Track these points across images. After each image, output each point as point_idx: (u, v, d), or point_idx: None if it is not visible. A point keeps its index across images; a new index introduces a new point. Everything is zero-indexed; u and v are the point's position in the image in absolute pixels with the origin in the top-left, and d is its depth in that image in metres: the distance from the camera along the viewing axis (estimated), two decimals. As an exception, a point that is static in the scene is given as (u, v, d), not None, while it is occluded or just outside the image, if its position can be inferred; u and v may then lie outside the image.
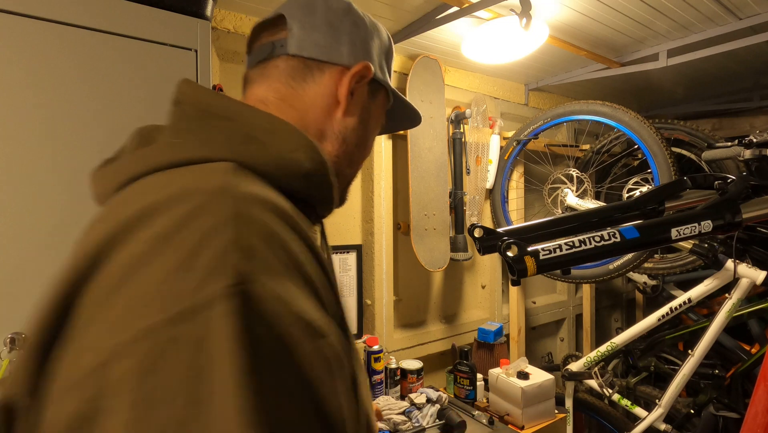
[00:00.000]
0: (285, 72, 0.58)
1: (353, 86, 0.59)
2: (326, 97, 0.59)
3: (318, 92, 0.58)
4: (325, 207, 0.55)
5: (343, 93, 0.58)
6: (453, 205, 2.15)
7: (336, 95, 0.59)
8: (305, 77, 0.58)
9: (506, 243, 0.65)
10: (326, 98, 0.59)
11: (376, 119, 0.66)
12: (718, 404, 1.97)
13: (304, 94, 0.58)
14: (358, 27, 0.62)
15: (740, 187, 0.70)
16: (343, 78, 0.59)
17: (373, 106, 0.65)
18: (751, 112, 2.84)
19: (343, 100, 0.59)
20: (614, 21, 1.78)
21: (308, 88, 0.58)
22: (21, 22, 1.07)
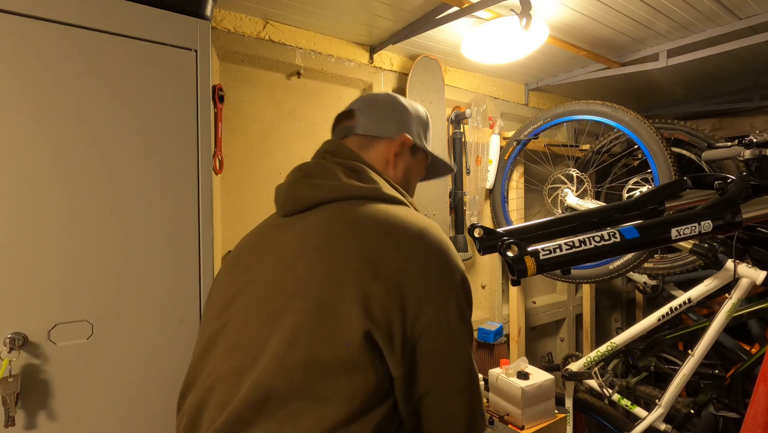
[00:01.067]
0: (356, 144, 0.91)
1: (397, 150, 0.92)
2: (382, 157, 0.92)
3: (377, 155, 0.91)
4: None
5: (390, 155, 0.91)
6: (453, 205, 2.15)
7: (387, 157, 0.91)
8: (369, 147, 0.92)
9: (506, 243, 0.65)
10: (382, 158, 0.92)
11: (416, 170, 0.98)
12: (718, 404, 1.96)
13: (373, 156, 0.91)
14: (401, 113, 0.95)
15: (740, 188, 0.70)
16: (391, 146, 0.91)
17: (414, 162, 0.97)
18: (751, 112, 2.84)
19: (392, 159, 0.92)
20: (614, 21, 1.78)
21: (373, 153, 0.91)
22: (21, 22, 1.07)
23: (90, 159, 1.07)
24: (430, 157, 1.01)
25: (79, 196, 1.06)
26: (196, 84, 1.18)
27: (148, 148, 1.12)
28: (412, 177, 0.97)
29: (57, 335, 1.04)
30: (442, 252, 0.70)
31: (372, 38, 1.88)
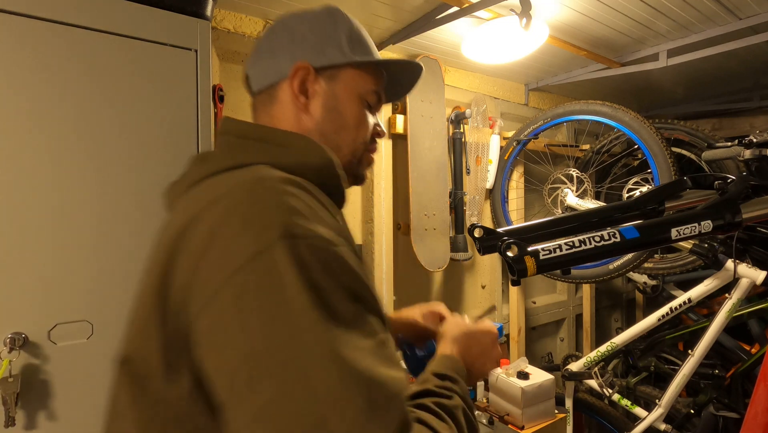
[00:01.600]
0: (261, 106, 0.72)
1: (301, 88, 0.68)
2: (290, 108, 0.70)
3: (283, 108, 0.70)
4: (338, 194, 0.67)
5: (294, 98, 0.69)
6: (453, 205, 2.15)
7: (293, 102, 0.69)
8: (272, 103, 0.71)
9: (506, 243, 0.65)
10: (290, 108, 0.70)
11: (349, 99, 0.71)
12: (718, 404, 1.97)
13: (277, 114, 0.70)
14: (290, 34, 0.71)
15: (740, 187, 0.70)
16: (290, 87, 0.69)
17: (339, 88, 0.71)
18: (751, 112, 2.84)
19: (298, 103, 0.69)
20: (614, 21, 1.78)
21: (277, 110, 0.70)
22: (21, 22, 1.07)
23: (90, 159, 1.07)
24: (372, 70, 0.73)
25: (79, 197, 1.06)
26: (196, 84, 1.18)
27: (149, 148, 1.12)
28: (345, 111, 0.70)
29: (57, 335, 1.04)
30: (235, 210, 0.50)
31: (372, 38, 1.88)
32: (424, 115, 2.00)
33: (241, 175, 0.55)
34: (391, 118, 1.97)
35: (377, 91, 0.74)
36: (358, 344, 0.47)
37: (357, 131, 0.72)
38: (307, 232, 0.49)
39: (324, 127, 0.69)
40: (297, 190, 0.53)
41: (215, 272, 0.48)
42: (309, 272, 0.47)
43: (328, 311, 0.46)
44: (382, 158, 1.96)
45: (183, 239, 0.52)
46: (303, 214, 0.50)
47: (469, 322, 0.76)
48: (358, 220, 1.99)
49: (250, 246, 0.47)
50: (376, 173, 1.95)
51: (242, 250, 0.47)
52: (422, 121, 2.00)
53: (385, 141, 1.98)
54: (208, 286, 0.48)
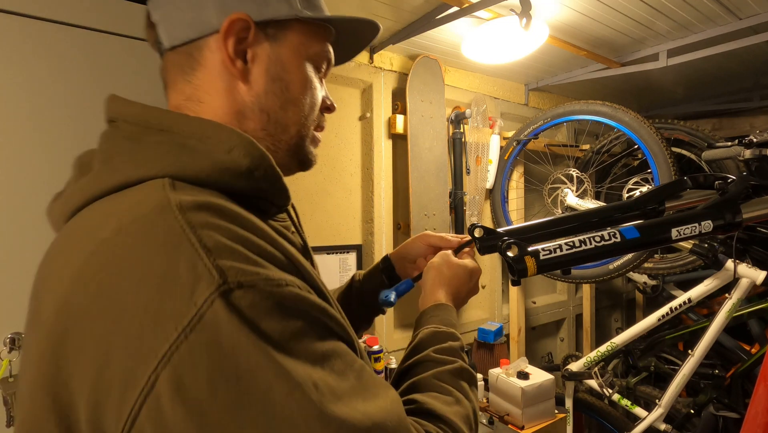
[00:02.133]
0: (176, 70, 0.54)
1: (237, 49, 0.52)
2: (221, 74, 0.53)
3: (211, 76, 0.53)
4: (280, 197, 0.53)
5: (228, 62, 0.52)
6: (453, 206, 2.15)
7: (226, 67, 0.52)
8: (193, 65, 0.53)
9: (506, 243, 0.65)
10: (222, 76, 0.53)
11: (297, 64, 0.56)
12: (718, 404, 1.97)
13: (201, 83, 0.53)
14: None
15: (740, 187, 0.70)
16: (221, 46, 0.51)
17: (285, 50, 0.55)
18: (751, 112, 2.84)
19: (233, 69, 0.52)
20: (614, 21, 1.78)
21: (201, 78, 0.53)
22: (21, 22, 1.07)
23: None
24: (323, 28, 0.58)
25: (79, 197, 1.06)
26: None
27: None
28: (293, 80, 0.55)
29: (57, 335, 1.04)
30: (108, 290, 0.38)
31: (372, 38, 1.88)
32: (424, 115, 2.00)
33: (131, 207, 0.41)
34: (391, 118, 1.97)
35: (328, 54, 0.60)
36: (339, 390, 0.40)
37: (307, 105, 0.58)
38: (246, 277, 0.38)
39: (267, 102, 0.54)
40: (216, 219, 0.40)
41: (136, 364, 0.35)
42: (262, 329, 0.37)
43: (298, 368, 0.38)
44: (382, 158, 1.96)
45: (70, 316, 0.38)
46: (233, 251, 0.39)
47: (453, 260, 0.75)
48: (358, 220, 1.99)
49: (175, 318, 0.35)
50: (376, 173, 1.95)
51: (165, 325, 0.35)
52: (422, 121, 2.00)
53: (385, 141, 1.98)
54: (131, 387, 0.35)
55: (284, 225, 0.57)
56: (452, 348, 0.62)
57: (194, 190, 0.43)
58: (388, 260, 0.88)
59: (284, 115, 0.56)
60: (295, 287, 0.41)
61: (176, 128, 0.47)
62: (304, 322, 0.41)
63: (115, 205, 0.43)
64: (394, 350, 2.00)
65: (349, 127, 1.95)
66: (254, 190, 0.49)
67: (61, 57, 1.11)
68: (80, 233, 0.43)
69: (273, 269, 0.41)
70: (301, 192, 1.80)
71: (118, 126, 0.50)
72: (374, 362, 1.76)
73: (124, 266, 0.38)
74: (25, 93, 1.08)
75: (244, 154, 0.47)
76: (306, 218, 1.81)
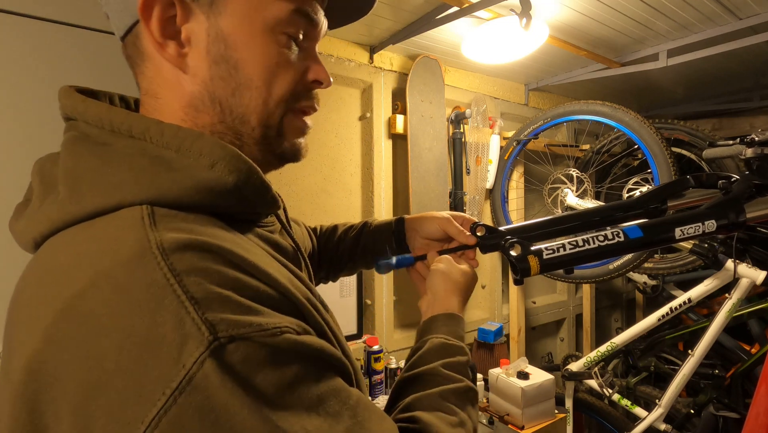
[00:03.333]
0: (130, 63, 0.48)
1: (166, 30, 0.43)
2: (162, 64, 0.45)
3: (154, 64, 0.46)
4: (270, 207, 0.49)
5: (156, 49, 0.44)
6: (453, 206, 2.15)
7: (164, 57, 0.45)
8: (140, 56, 0.46)
9: (510, 242, 0.65)
10: (163, 66, 0.45)
11: (247, 36, 0.45)
12: (718, 404, 1.97)
13: (150, 75, 0.46)
14: None
15: (744, 187, 0.70)
16: (147, 31, 0.43)
17: (226, 21, 0.44)
18: (751, 112, 2.84)
19: (165, 54, 0.44)
20: (614, 21, 1.78)
21: (149, 66, 0.46)
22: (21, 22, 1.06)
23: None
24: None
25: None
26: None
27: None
28: (244, 58, 0.45)
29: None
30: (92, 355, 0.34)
31: (372, 38, 1.88)
32: (424, 115, 2.00)
33: (106, 248, 0.37)
34: (391, 118, 1.97)
35: (305, 10, 0.47)
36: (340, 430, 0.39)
37: (271, 86, 0.47)
38: (238, 330, 0.35)
39: (215, 90, 0.46)
40: (203, 262, 0.36)
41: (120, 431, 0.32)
42: (255, 385, 0.35)
43: (294, 424, 0.36)
44: (382, 158, 1.96)
45: (43, 381, 0.34)
46: (224, 300, 0.35)
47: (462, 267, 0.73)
48: (358, 220, 1.99)
49: (162, 382, 0.32)
50: (376, 173, 1.95)
51: (152, 391, 0.32)
52: (422, 121, 1.99)
53: (385, 141, 1.98)
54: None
55: (271, 229, 0.53)
56: (460, 364, 0.60)
57: (176, 220, 0.39)
58: (402, 226, 0.85)
59: (238, 103, 0.46)
60: (291, 332, 0.38)
61: (148, 136, 0.42)
62: (300, 366, 0.38)
63: (89, 242, 0.38)
64: (394, 350, 2.00)
65: (349, 127, 1.95)
66: (242, 206, 0.45)
67: (61, 57, 1.10)
68: (51, 277, 0.38)
69: (267, 312, 0.38)
70: (301, 192, 1.80)
71: (78, 127, 0.44)
72: (374, 362, 1.76)
73: (102, 327, 0.33)
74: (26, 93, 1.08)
75: (230, 170, 0.42)
76: (306, 217, 1.81)
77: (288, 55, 0.48)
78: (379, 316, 1.95)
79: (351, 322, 1.91)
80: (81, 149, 0.43)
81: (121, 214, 0.39)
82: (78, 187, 0.40)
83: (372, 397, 1.73)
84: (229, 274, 0.37)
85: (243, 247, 0.41)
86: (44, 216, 0.42)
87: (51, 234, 0.42)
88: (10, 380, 0.37)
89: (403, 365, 0.64)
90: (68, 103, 0.46)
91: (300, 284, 0.46)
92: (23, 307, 0.40)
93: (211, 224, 0.41)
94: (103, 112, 0.43)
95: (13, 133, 1.07)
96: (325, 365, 0.41)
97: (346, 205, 1.94)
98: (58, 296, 0.36)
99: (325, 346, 0.42)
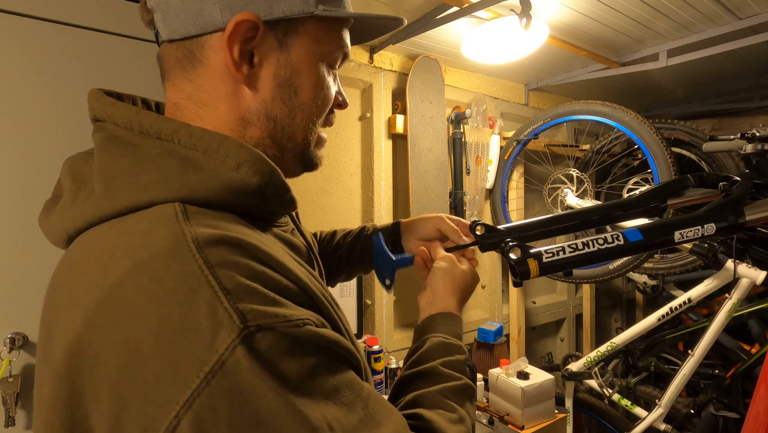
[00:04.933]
0: (174, 64, 0.50)
1: (243, 50, 0.47)
2: (224, 77, 0.48)
3: (212, 75, 0.48)
4: (288, 207, 0.51)
5: (231, 65, 0.47)
6: (453, 206, 2.15)
7: (231, 71, 0.48)
8: (194, 63, 0.48)
9: (509, 245, 0.65)
10: (225, 78, 0.48)
11: (308, 66, 0.51)
12: (718, 404, 1.97)
13: (203, 84, 0.49)
14: None
15: (744, 190, 0.69)
16: (224, 47, 0.47)
17: (296, 52, 0.50)
18: (751, 112, 2.84)
19: (236, 73, 0.48)
20: (614, 21, 1.78)
21: (202, 76, 0.49)
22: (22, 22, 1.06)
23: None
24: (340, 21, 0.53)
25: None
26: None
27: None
28: (303, 85, 0.51)
29: (57, 336, 1.04)
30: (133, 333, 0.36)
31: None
32: (424, 115, 2.00)
33: (143, 240, 0.39)
34: (391, 118, 1.97)
35: (345, 48, 0.55)
36: (350, 425, 0.41)
37: (317, 109, 0.54)
38: (265, 319, 0.37)
39: (273, 108, 0.50)
40: (233, 256, 0.39)
41: (155, 410, 0.35)
42: (280, 371, 0.37)
43: (314, 409, 0.38)
44: (382, 158, 1.96)
45: (84, 362, 0.37)
46: (252, 292, 0.38)
47: (462, 266, 0.74)
48: (358, 220, 1.99)
49: (196, 365, 0.35)
50: (376, 173, 1.95)
51: (187, 373, 0.35)
52: (422, 121, 1.99)
53: (385, 141, 1.98)
54: (151, 431, 0.35)
55: (285, 229, 0.56)
56: (459, 362, 0.61)
57: (206, 217, 0.42)
58: (398, 229, 0.87)
59: (291, 123, 0.52)
60: (311, 324, 0.41)
61: (177, 138, 0.45)
62: (319, 357, 0.41)
63: (125, 235, 0.41)
64: (394, 350, 2.00)
65: (349, 127, 1.95)
66: (263, 206, 0.48)
67: (62, 57, 1.10)
68: (89, 267, 0.40)
69: (290, 305, 0.41)
70: (301, 192, 1.80)
71: (107, 128, 0.47)
72: (374, 362, 1.76)
73: (141, 313, 0.36)
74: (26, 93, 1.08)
75: (254, 172, 0.45)
76: (306, 217, 1.81)
77: (329, 82, 0.54)
78: (379, 316, 1.95)
79: (351, 322, 1.92)
80: (113, 150, 0.45)
81: (155, 211, 0.41)
82: (112, 185, 0.43)
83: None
84: (256, 267, 0.40)
85: (265, 243, 0.43)
86: (78, 212, 0.44)
87: (85, 229, 0.44)
88: (51, 361, 0.39)
89: (403, 363, 0.65)
90: (97, 106, 0.48)
91: (315, 280, 0.48)
92: (63, 294, 0.42)
93: (236, 222, 0.44)
94: (132, 115, 0.46)
95: (12, 133, 1.07)
96: (340, 357, 0.44)
97: (346, 205, 1.94)
98: (98, 284, 0.38)
99: (340, 339, 0.44)
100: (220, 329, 0.35)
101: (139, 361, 0.35)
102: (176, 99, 0.51)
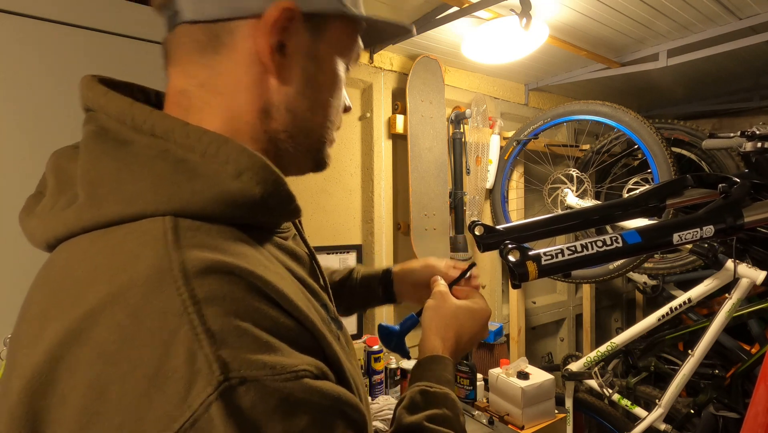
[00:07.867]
0: (191, 48, 0.46)
1: (277, 40, 0.45)
2: (250, 65, 0.45)
3: (237, 63, 0.45)
4: (292, 216, 0.48)
5: (265, 53, 0.44)
6: (453, 205, 2.15)
7: (260, 58, 0.45)
8: (217, 48, 0.45)
9: (508, 248, 0.65)
10: (251, 67, 0.45)
11: (330, 63, 0.50)
12: (718, 404, 1.97)
13: (223, 70, 0.45)
14: None
15: (743, 191, 0.70)
16: (258, 34, 0.44)
17: (323, 47, 0.49)
18: (751, 112, 2.84)
19: (269, 62, 0.45)
20: (614, 21, 1.78)
21: (225, 62, 0.45)
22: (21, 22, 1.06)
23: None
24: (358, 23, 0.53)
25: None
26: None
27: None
28: (325, 81, 0.51)
29: (57, 337, 1.04)
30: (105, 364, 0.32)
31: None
32: (424, 115, 2.00)
33: (126, 263, 0.35)
34: (391, 118, 1.97)
35: (359, 51, 0.55)
36: None
37: (335, 109, 0.53)
38: (251, 371, 0.33)
39: (296, 102, 0.48)
40: (225, 288, 0.35)
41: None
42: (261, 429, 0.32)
43: None
44: (382, 158, 1.96)
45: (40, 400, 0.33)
46: (241, 334, 0.34)
47: (452, 302, 0.69)
48: (358, 220, 1.99)
49: (163, 421, 0.30)
50: (376, 173, 1.95)
51: (151, 430, 0.30)
52: (422, 121, 2.00)
53: (385, 141, 1.98)
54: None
55: (286, 235, 0.52)
56: (445, 417, 0.56)
57: (201, 234, 0.38)
58: (389, 274, 0.84)
59: (311, 119, 0.50)
60: (308, 375, 0.36)
61: (172, 137, 0.41)
62: (311, 416, 0.35)
63: (106, 255, 0.37)
64: (394, 350, 2.00)
65: (349, 127, 1.95)
66: (265, 217, 0.44)
67: (61, 57, 1.11)
68: (63, 291, 0.37)
69: (285, 350, 0.36)
70: (301, 192, 1.80)
71: (99, 120, 0.43)
72: (374, 362, 1.76)
73: (110, 355, 0.32)
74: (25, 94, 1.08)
75: (257, 181, 0.41)
76: (306, 217, 1.81)
77: (342, 84, 0.53)
78: (379, 316, 1.95)
79: (351, 322, 1.92)
80: (101, 149, 0.41)
81: (143, 226, 0.37)
82: (97, 193, 0.39)
83: (372, 397, 1.74)
84: (251, 302, 0.35)
85: (264, 264, 0.40)
86: (60, 220, 0.41)
87: (66, 238, 0.41)
88: (8, 396, 0.35)
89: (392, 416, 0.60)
90: (90, 95, 0.44)
91: (317, 303, 0.45)
92: (32, 320, 0.38)
93: (234, 238, 0.40)
94: (125, 107, 0.42)
95: (12, 132, 1.07)
96: (338, 414, 0.38)
97: (346, 205, 1.94)
98: (68, 314, 0.34)
99: (342, 394, 0.39)
100: (196, 379, 0.31)
101: (100, 409, 0.31)
102: (184, 86, 0.46)
